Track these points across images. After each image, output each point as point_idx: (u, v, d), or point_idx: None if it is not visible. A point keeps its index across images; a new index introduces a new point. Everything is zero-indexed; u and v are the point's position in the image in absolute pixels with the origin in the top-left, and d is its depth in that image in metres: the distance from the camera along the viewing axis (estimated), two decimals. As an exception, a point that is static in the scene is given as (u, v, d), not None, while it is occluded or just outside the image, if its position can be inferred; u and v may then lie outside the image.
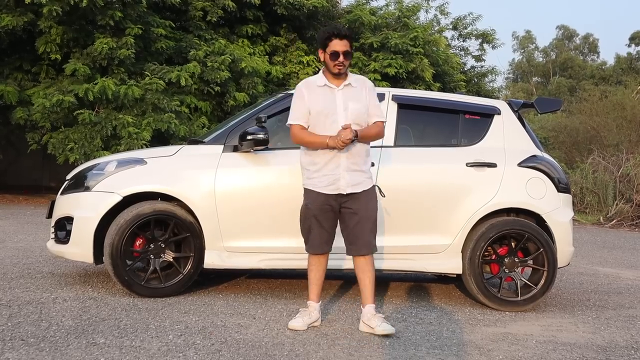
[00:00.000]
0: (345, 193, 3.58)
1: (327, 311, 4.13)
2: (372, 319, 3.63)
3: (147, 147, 10.35)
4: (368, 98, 3.66)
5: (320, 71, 3.73)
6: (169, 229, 4.29)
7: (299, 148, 3.81)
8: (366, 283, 3.69)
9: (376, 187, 3.81)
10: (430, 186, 4.50)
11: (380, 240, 4.36)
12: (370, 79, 13.82)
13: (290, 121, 3.65)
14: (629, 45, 41.84)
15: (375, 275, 3.72)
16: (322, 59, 3.65)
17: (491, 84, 22.27)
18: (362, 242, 3.64)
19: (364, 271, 3.69)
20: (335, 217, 3.67)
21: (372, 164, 3.95)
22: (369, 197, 3.65)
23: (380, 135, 3.73)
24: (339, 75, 3.62)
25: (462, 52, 20.46)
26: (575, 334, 3.92)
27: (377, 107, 3.71)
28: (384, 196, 3.99)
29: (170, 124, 11.18)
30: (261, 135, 4.19)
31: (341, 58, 3.55)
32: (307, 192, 3.67)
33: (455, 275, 4.83)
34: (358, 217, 3.61)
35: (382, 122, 3.70)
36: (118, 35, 11.31)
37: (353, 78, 3.69)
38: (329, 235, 3.68)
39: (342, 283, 5.14)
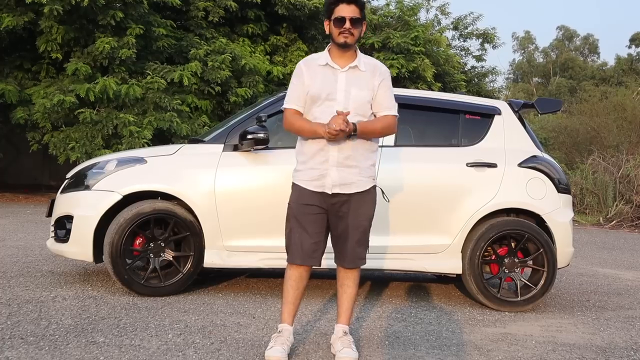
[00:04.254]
0: (330, 193, 3.02)
1: (327, 310, 4.13)
2: (337, 341, 3.11)
3: (148, 145, 10.36)
4: (379, 87, 3.07)
5: (326, 48, 3.15)
6: (168, 228, 4.29)
7: None
8: (342, 300, 3.16)
9: (379, 190, 3.28)
10: (430, 186, 4.50)
11: (380, 240, 4.37)
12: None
13: (284, 104, 3.13)
14: (629, 47, 41.84)
15: (356, 293, 3.18)
16: (327, 31, 3.09)
17: (492, 84, 22.29)
18: (347, 254, 3.09)
19: (343, 285, 3.15)
20: (323, 222, 3.06)
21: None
22: (363, 201, 3.06)
23: (387, 131, 3.14)
24: (346, 50, 3.03)
25: (463, 52, 20.47)
26: (574, 334, 3.91)
27: (389, 99, 3.10)
28: (388, 201, 3.76)
29: (172, 123, 11.19)
30: (261, 135, 4.19)
31: (347, 24, 2.96)
32: (292, 187, 3.13)
33: (454, 276, 4.83)
34: (345, 223, 3.05)
35: (394, 116, 3.12)
36: (119, 35, 11.31)
37: (364, 60, 3.10)
38: (313, 244, 3.03)
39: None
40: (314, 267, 3.16)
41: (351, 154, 3.02)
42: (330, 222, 3.10)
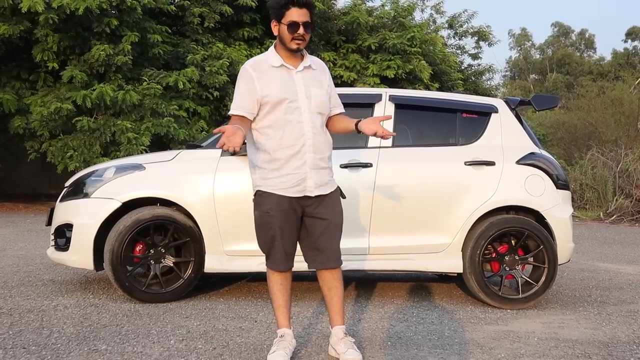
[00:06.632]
0: (313, 195, 3.01)
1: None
2: (339, 342, 3.08)
3: (146, 152, 10.37)
4: (329, 85, 3.14)
5: (271, 49, 3.09)
6: (168, 234, 4.29)
7: None
8: (334, 301, 3.13)
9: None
10: (429, 186, 4.51)
11: (380, 241, 4.39)
12: (369, 82, 13.94)
13: (231, 110, 3.01)
14: (625, 41, 41.92)
15: (343, 291, 3.17)
16: (275, 32, 3.04)
17: (488, 82, 22.27)
18: (331, 254, 3.07)
19: (331, 288, 3.12)
20: (298, 226, 3.08)
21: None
22: (336, 199, 3.12)
23: None
24: (296, 53, 3.03)
25: (459, 51, 20.46)
26: (577, 330, 3.91)
27: (337, 97, 3.21)
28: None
29: (169, 128, 11.19)
30: (259, 139, 4.19)
31: (301, 30, 2.94)
32: (265, 197, 3.01)
33: (456, 274, 4.83)
34: (326, 223, 3.05)
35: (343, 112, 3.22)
36: (115, 42, 11.33)
37: (311, 60, 3.11)
38: (292, 248, 3.09)
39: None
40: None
41: (323, 155, 3.06)
42: (307, 227, 3.08)
